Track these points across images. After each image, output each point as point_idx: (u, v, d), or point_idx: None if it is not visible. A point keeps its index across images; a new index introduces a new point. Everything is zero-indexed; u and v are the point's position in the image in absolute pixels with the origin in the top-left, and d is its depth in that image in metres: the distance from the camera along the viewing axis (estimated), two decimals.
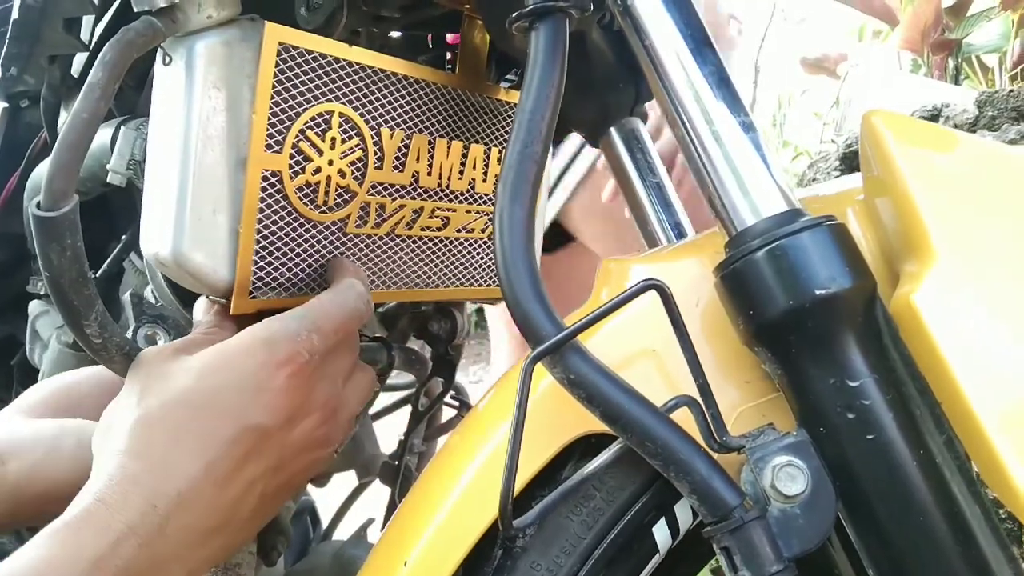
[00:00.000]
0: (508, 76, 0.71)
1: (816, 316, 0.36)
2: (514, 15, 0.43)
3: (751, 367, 0.42)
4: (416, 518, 0.44)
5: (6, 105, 0.73)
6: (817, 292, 0.36)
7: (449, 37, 0.73)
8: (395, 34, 0.70)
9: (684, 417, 0.39)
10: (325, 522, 0.89)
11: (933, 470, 0.36)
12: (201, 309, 0.53)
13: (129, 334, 0.54)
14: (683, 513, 0.44)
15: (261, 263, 0.51)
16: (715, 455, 0.38)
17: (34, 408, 0.52)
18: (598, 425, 0.41)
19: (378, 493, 0.82)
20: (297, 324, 0.47)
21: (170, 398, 0.44)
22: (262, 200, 0.51)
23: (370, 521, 0.80)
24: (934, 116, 1.32)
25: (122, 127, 0.55)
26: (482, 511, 0.42)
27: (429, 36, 0.72)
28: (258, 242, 0.51)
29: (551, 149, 0.63)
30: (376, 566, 0.44)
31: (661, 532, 0.44)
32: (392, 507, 0.78)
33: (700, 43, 0.41)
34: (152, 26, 0.46)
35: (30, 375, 0.78)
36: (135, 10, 0.47)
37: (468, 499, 0.43)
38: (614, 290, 0.46)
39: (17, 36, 0.56)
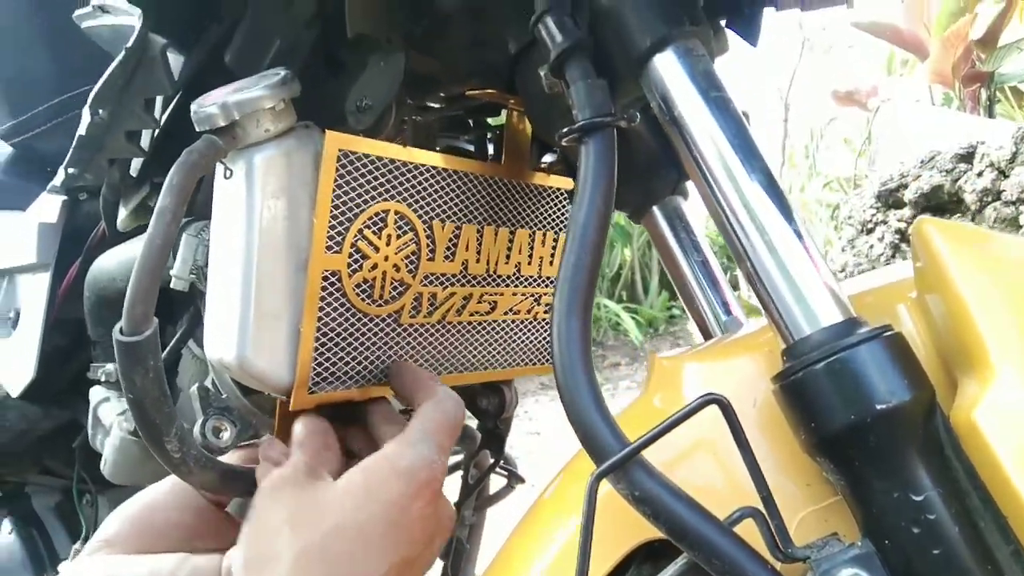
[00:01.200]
0: (546, 159, 0.72)
1: (877, 430, 0.37)
2: (564, 131, 0.44)
3: (811, 470, 0.42)
4: None
5: (65, 198, 0.76)
6: (878, 407, 0.37)
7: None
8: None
9: (748, 526, 0.39)
10: None
11: None
12: (299, 433, 0.54)
13: (197, 426, 0.56)
14: None
15: (320, 359, 0.53)
16: (780, 565, 0.38)
17: (120, 541, 0.52)
18: (660, 533, 0.41)
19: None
20: (428, 450, 0.48)
21: (327, 531, 0.45)
22: (322, 299, 0.52)
23: None
24: (970, 154, 1.31)
25: (183, 234, 0.57)
26: None
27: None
28: (317, 339, 0.52)
29: None
30: None
31: None
32: None
33: (749, 153, 0.42)
34: (213, 145, 0.48)
35: (92, 457, 0.80)
36: (196, 129, 0.49)
37: None
38: (667, 393, 0.46)
39: (83, 145, 0.58)
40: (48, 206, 0.78)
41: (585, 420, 0.39)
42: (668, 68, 0.44)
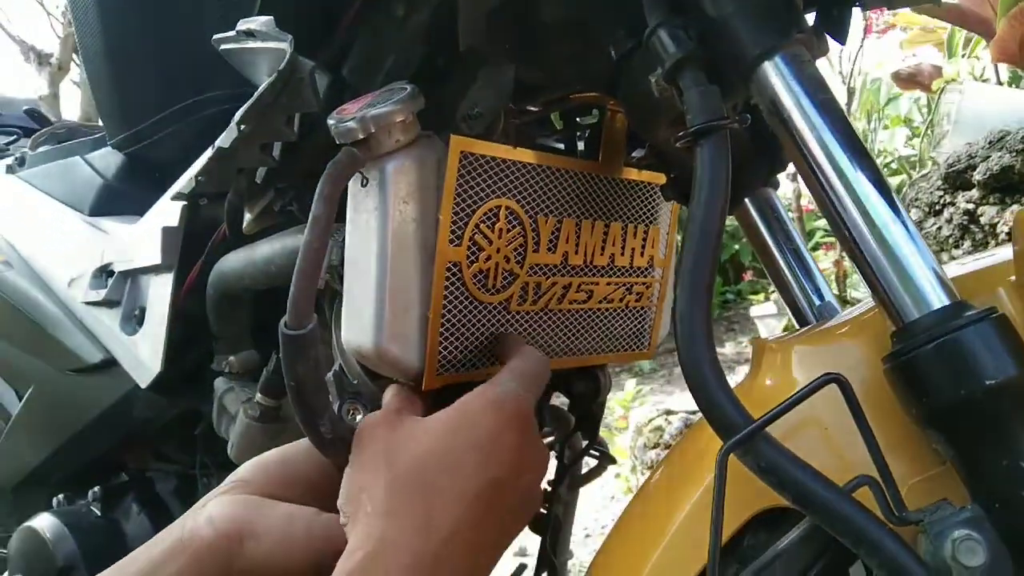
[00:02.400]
0: (635, 154, 0.76)
1: (986, 404, 0.40)
2: (680, 134, 0.48)
3: (917, 443, 0.46)
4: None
5: (185, 203, 0.82)
6: (987, 382, 0.40)
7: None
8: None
9: (862, 494, 0.43)
10: None
11: None
12: (390, 393, 0.59)
13: (336, 408, 0.61)
14: (857, 573, 0.48)
15: (445, 344, 0.58)
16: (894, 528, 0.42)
17: (254, 484, 0.57)
18: (776, 500, 0.45)
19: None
20: (516, 385, 0.52)
21: (419, 458, 0.48)
22: (446, 289, 0.57)
23: (522, 568, 0.85)
24: None
25: None
26: None
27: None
28: (442, 326, 0.57)
29: None
30: None
31: None
32: (543, 554, 0.84)
33: (856, 150, 0.46)
34: (355, 156, 0.53)
35: (212, 444, 0.87)
36: (337, 142, 0.54)
37: (661, 572, 0.48)
38: (778, 374, 0.50)
39: (222, 156, 0.64)
40: (170, 210, 0.84)
41: (712, 399, 0.43)
42: (776, 74, 0.48)
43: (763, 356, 0.52)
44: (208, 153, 0.66)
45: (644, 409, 2.34)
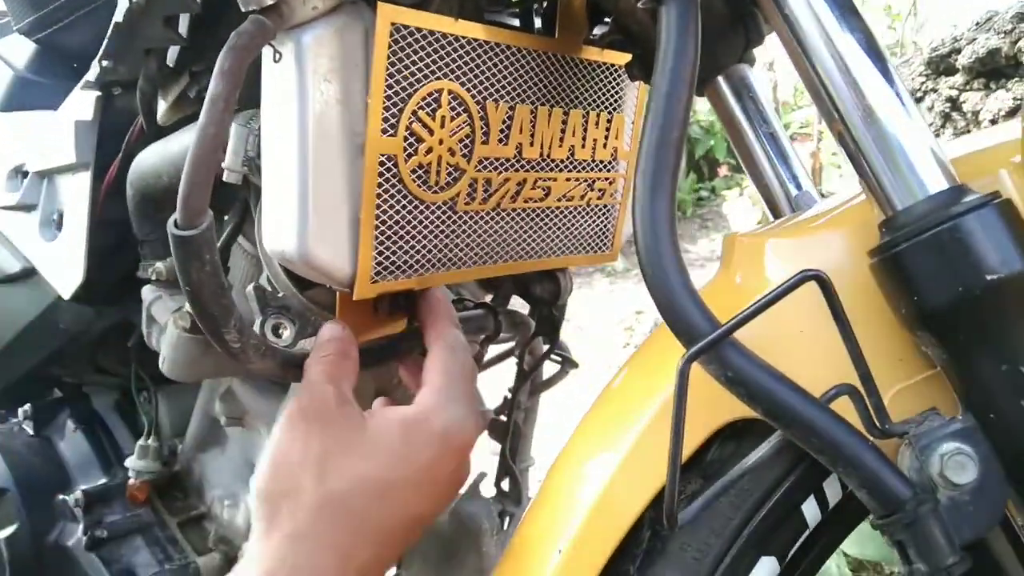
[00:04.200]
0: (597, 31, 0.68)
1: (987, 302, 0.35)
2: None
3: (904, 345, 0.41)
4: (563, 506, 0.45)
5: (99, 93, 0.73)
6: (988, 277, 0.35)
7: None
8: None
9: (843, 405, 0.38)
10: None
11: None
12: (323, 332, 0.54)
13: (256, 326, 0.56)
14: (832, 489, 0.44)
15: (381, 248, 0.52)
16: (877, 442, 0.37)
17: None
18: (745, 411, 0.40)
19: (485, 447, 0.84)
20: (462, 411, 0.49)
21: (354, 481, 0.45)
22: (379, 186, 0.50)
23: (482, 475, 0.82)
24: None
25: (232, 124, 0.54)
26: (634, 498, 0.43)
27: None
28: (377, 227, 0.51)
29: None
30: (527, 553, 0.45)
31: (810, 509, 0.44)
32: (503, 461, 0.80)
33: (846, 8, 0.39)
34: (261, 25, 0.45)
35: (147, 355, 0.81)
36: (242, 10, 0.46)
37: (619, 487, 0.43)
38: (749, 271, 0.44)
39: (119, 34, 0.55)
40: (82, 103, 0.75)
41: (673, 301, 0.38)
42: None
43: (733, 252, 0.46)
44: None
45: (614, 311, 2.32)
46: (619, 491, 0.43)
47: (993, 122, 1.31)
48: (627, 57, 0.63)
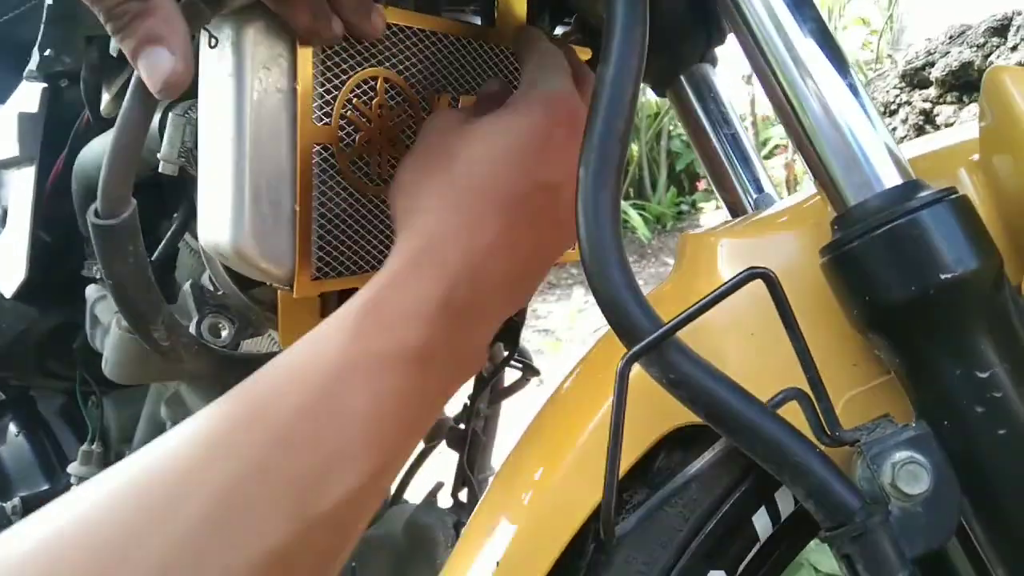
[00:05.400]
0: (559, 30, 0.67)
1: (941, 303, 0.33)
2: None
3: (858, 348, 0.39)
4: (503, 517, 0.43)
5: (46, 85, 0.71)
6: (942, 276, 0.33)
7: None
8: None
9: (792, 411, 0.36)
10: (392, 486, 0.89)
11: None
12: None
13: (192, 326, 0.53)
14: (784, 500, 0.42)
15: (323, 244, 0.50)
16: (827, 449, 0.36)
17: None
18: (693, 416, 0.38)
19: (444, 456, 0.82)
20: (560, 81, 0.48)
21: (475, 159, 0.44)
22: (318, 177, 0.48)
23: (439, 485, 0.79)
24: (1004, 26, 1.23)
25: (169, 113, 0.52)
26: (575, 509, 0.41)
27: None
28: (317, 222, 0.49)
29: None
30: (463, 567, 0.43)
31: (761, 520, 0.42)
32: (461, 471, 0.78)
33: (799, 2, 0.37)
34: (195, 8, 0.43)
35: (93, 357, 0.78)
36: None
37: (560, 497, 0.41)
38: (701, 272, 0.43)
39: (53, 19, 0.53)
40: (28, 95, 0.73)
41: (616, 300, 0.36)
42: None
43: (685, 251, 0.44)
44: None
45: (590, 320, 2.30)
46: (561, 501, 0.41)
47: None
48: (588, 53, 0.61)
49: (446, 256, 0.42)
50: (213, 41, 0.46)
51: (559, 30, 0.67)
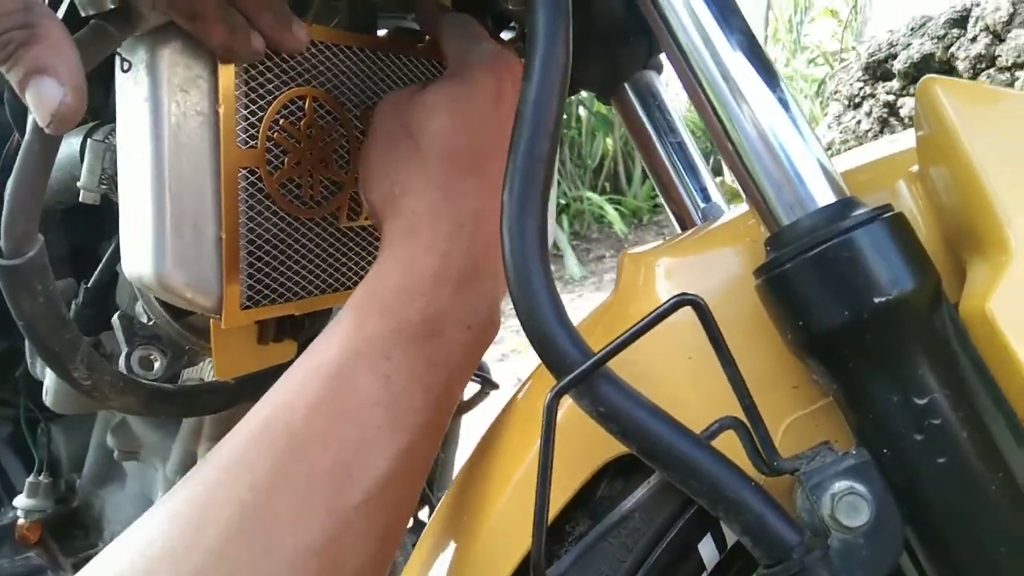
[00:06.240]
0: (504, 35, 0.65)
1: (876, 327, 0.32)
2: None
3: (799, 370, 0.38)
4: (439, 556, 0.41)
5: None
6: (876, 300, 0.32)
7: None
8: None
9: (729, 440, 0.35)
10: None
11: (1014, 491, 0.32)
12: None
13: (122, 358, 0.51)
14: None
15: (252, 271, 0.48)
16: (765, 480, 0.34)
17: None
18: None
19: None
20: (493, 44, 0.48)
21: (438, 131, 0.44)
22: (243, 202, 0.47)
23: None
24: (963, 18, 1.23)
25: (89, 139, 0.50)
26: (513, 544, 0.39)
27: None
28: (245, 248, 0.47)
29: None
30: None
31: (707, 548, 0.41)
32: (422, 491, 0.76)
33: (725, 8, 0.36)
34: (103, 32, 0.41)
35: (36, 386, 0.76)
36: (82, 14, 0.42)
37: (497, 533, 0.40)
38: (638, 294, 0.41)
39: None
40: None
41: (543, 330, 0.34)
42: None
43: (623, 272, 0.43)
44: None
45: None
46: (498, 538, 0.40)
47: None
48: None
49: (433, 229, 0.43)
50: (126, 64, 0.44)
51: (506, 35, 0.66)
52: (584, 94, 1.05)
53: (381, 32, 0.63)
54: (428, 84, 0.46)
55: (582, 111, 4.81)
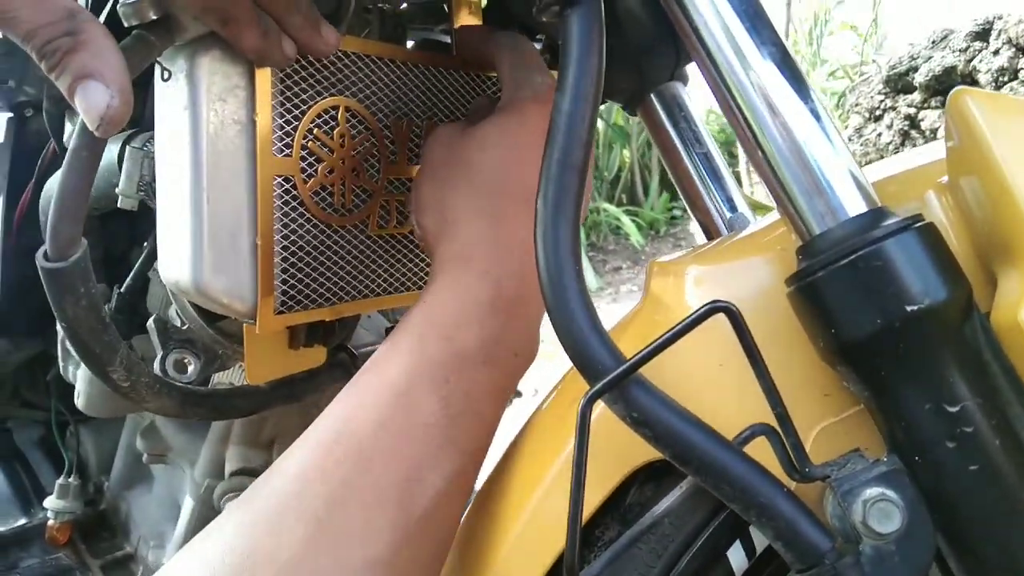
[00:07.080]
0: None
1: (908, 335, 0.32)
2: (542, 2, 0.38)
3: (830, 378, 0.38)
4: (469, 562, 0.42)
5: (11, 115, 0.70)
6: (908, 308, 0.32)
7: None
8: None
9: (761, 446, 0.35)
10: None
11: None
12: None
13: (157, 362, 0.52)
14: (760, 534, 0.41)
15: (287, 277, 0.49)
16: (796, 486, 0.35)
17: None
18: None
19: None
20: (542, 76, 0.50)
21: (490, 164, 0.46)
22: (279, 209, 0.47)
23: None
24: (986, 31, 1.23)
25: (127, 147, 0.51)
26: (544, 548, 0.40)
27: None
28: (280, 255, 0.48)
29: None
30: None
31: (736, 555, 0.41)
32: None
33: (759, 22, 0.36)
34: (145, 41, 0.42)
35: (67, 389, 0.77)
36: (125, 25, 0.43)
37: (528, 537, 0.40)
38: (668, 302, 0.42)
39: (8, 51, 0.52)
40: None
41: (576, 337, 0.35)
42: None
43: (652, 280, 0.43)
44: None
45: None
46: (529, 544, 0.40)
47: None
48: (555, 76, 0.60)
49: (486, 259, 0.44)
50: (166, 74, 0.45)
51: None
52: (601, 106, 1.05)
53: (409, 43, 0.64)
54: (477, 120, 0.48)
55: (599, 123, 4.82)
